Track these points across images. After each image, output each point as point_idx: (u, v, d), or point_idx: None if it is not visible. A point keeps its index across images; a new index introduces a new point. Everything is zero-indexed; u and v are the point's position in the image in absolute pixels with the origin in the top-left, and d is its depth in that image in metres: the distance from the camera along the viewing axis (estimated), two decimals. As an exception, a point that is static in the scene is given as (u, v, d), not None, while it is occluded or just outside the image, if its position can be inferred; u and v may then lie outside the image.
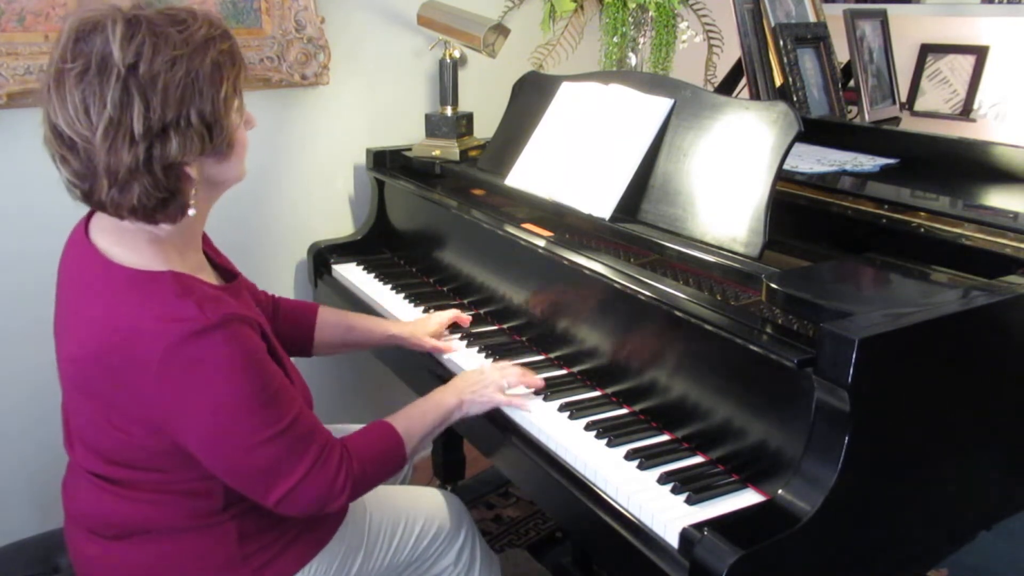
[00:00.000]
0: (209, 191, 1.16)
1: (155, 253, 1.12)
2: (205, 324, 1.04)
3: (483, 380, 1.41)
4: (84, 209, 1.21)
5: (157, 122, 1.01)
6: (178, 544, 1.20)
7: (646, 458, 1.25)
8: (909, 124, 2.47)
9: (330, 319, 1.60)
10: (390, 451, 1.27)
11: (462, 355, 1.62)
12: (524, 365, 1.54)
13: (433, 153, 2.12)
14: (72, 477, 1.27)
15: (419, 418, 1.33)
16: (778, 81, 2.08)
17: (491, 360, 1.59)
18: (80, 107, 0.99)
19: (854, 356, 0.98)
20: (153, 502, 1.17)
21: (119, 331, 1.05)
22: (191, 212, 1.11)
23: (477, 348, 1.63)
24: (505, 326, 1.72)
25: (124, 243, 1.12)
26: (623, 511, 1.17)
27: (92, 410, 1.13)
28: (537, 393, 1.44)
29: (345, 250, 2.18)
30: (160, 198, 1.06)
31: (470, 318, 1.72)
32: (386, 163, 2.18)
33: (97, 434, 1.15)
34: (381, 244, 2.21)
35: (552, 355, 1.59)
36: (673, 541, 1.09)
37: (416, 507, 1.46)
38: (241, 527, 1.21)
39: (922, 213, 1.45)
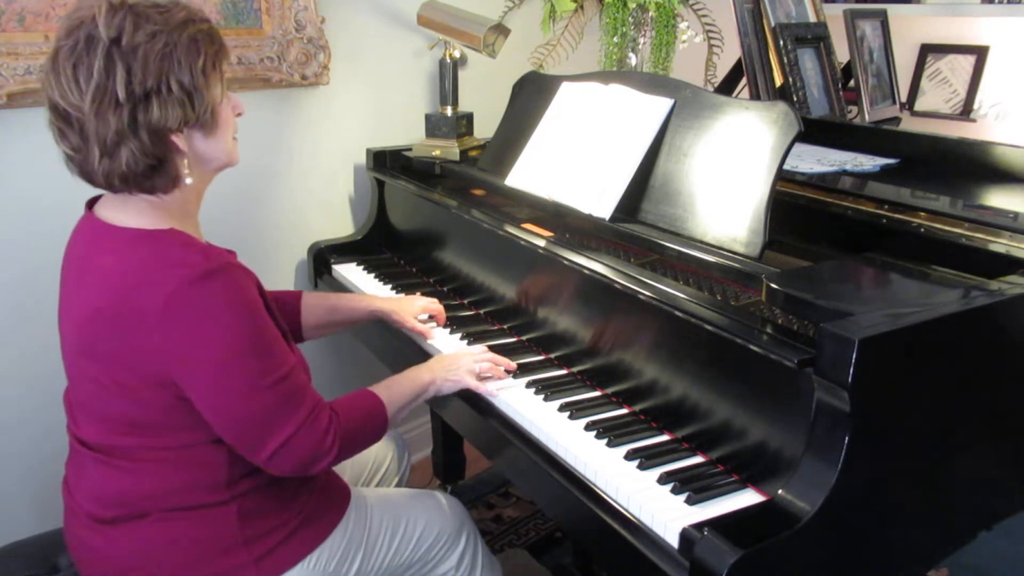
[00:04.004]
0: (201, 167, 1.22)
1: (157, 217, 1.19)
2: (208, 269, 1.12)
3: (457, 363, 1.48)
4: (82, 209, 1.26)
5: (139, 87, 1.09)
6: (180, 526, 1.21)
7: (646, 458, 1.25)
8: (909, 124, 2.47)
9: (313, 302, 1.67)
10: (374, 417, 1.34)
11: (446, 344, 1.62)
12: (524, 364, 1.55)
13: (433, 153, 2.12)
14: (75, 465, 1.29)
15: (398, 390, 1.41)
16: (778, 81, 2.07)
17: (466, 343, 1.65)
18: (71, 78, 1.09)
19: (854, 356, 0.98)
20: (157, 473, 1.20)
21: (124, 283, 1.12)
22: (188, 180, 1.18)
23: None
24: (505, 326, 1.72)
25: (127, 210, 1.19)
26: (623, 511, 1.17)
27: (98, 373, 1.16)
28: (537, 393, 1.44)
29: (345, 250, 2.18)
30: (148, 164, 1.13)
31: (444, 316, 1.75)
32: (386, 163, 2.18)
33: (103, 398, 1.18)
34: (381, 244, 2.21)
35: (552, 355, 1.59)
36: (673, 541, 1.09)
37: (417, 510, 1.47)
38: (242, 509, 1.23)
39: (922, 213, 1.45)
